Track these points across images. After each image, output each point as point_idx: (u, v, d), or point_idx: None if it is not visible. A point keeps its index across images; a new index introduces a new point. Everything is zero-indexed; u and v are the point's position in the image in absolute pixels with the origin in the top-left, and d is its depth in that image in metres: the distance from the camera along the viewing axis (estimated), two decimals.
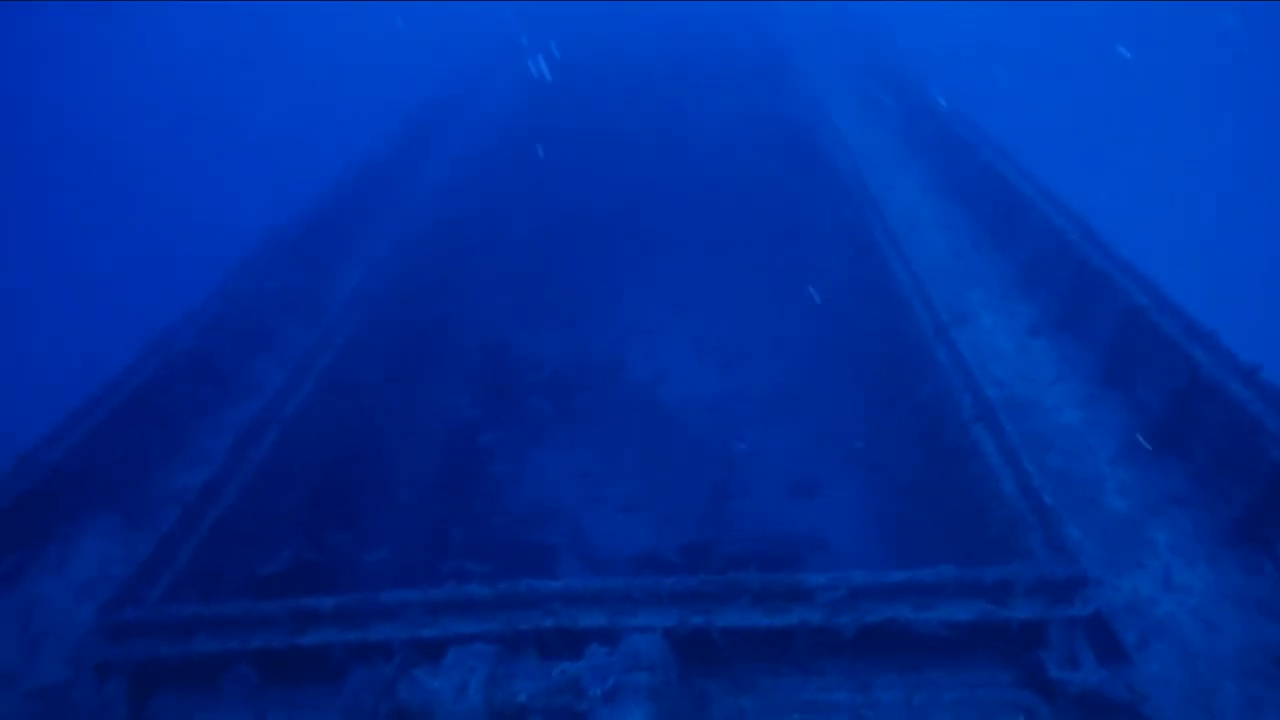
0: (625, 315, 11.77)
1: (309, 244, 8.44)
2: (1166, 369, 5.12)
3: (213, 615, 3.95)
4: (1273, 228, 21.49)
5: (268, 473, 5.53)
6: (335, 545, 5.83)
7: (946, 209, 8.54)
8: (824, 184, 10.06)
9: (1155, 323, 5.25)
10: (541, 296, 11.67)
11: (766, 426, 9.98)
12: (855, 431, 8.89)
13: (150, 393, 6.17)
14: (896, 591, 3.69)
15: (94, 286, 21.14)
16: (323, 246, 8.65)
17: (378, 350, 7.67)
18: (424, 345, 9.13)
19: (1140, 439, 5.07)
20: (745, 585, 3.72)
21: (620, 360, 10.74)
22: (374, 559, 6.69)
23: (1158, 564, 4.37)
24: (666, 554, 7.59)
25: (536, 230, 12.27)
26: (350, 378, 7.05)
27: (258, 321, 7.43)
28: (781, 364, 10.46)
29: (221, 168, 25.51)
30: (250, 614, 3.92)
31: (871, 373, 8.20)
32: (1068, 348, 6.25)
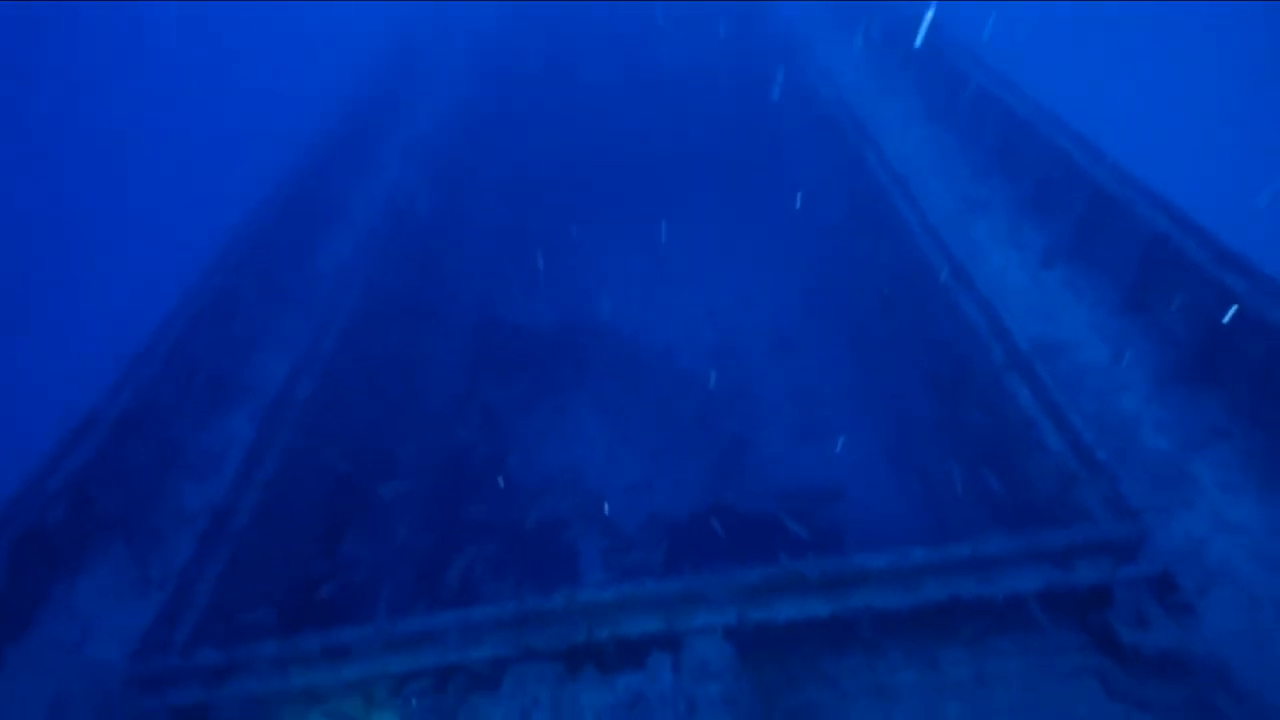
0: (614, 272, 11.45)
1: (288, 225, 8.03)
2: (1196, 298, 4.97)
3: (248, 656, 3.76)
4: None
5: (280, 484, 5.29)
6: (351, 558, 5.62)
7: (942, 138, 8.25)
8: (812, 118, 9.70)
9: (1181, 249, 5.07)
10: (528, 262, 11.29)
11: (772, 372, 9.80)
12: (860, 376, 8.76)
13: (139, 409, 5.87)
14: (959, 566, 3.57)
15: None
16: (302, 227, 8.24)
17: (375, 333, 7.36)
18: (418, 323, 8.81)
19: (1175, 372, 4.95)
20: (804, 574, 3.58)
21: (613, 320, 10.47)
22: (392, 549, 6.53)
23: (1205, 502, 4.29)
24: (685, 521, 7.50)
25: (514, 193, 11.81)
26: (350, 367, 6.76)
27: (244, 315, 7.10)
28: (782, 308, 10.24)
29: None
30: (286, 652, 3.73)
31: (877, 317, 8.02)
32: (1083, 279, 6.09)
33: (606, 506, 8.43)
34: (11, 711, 4.20)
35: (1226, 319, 4.67)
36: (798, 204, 9.70)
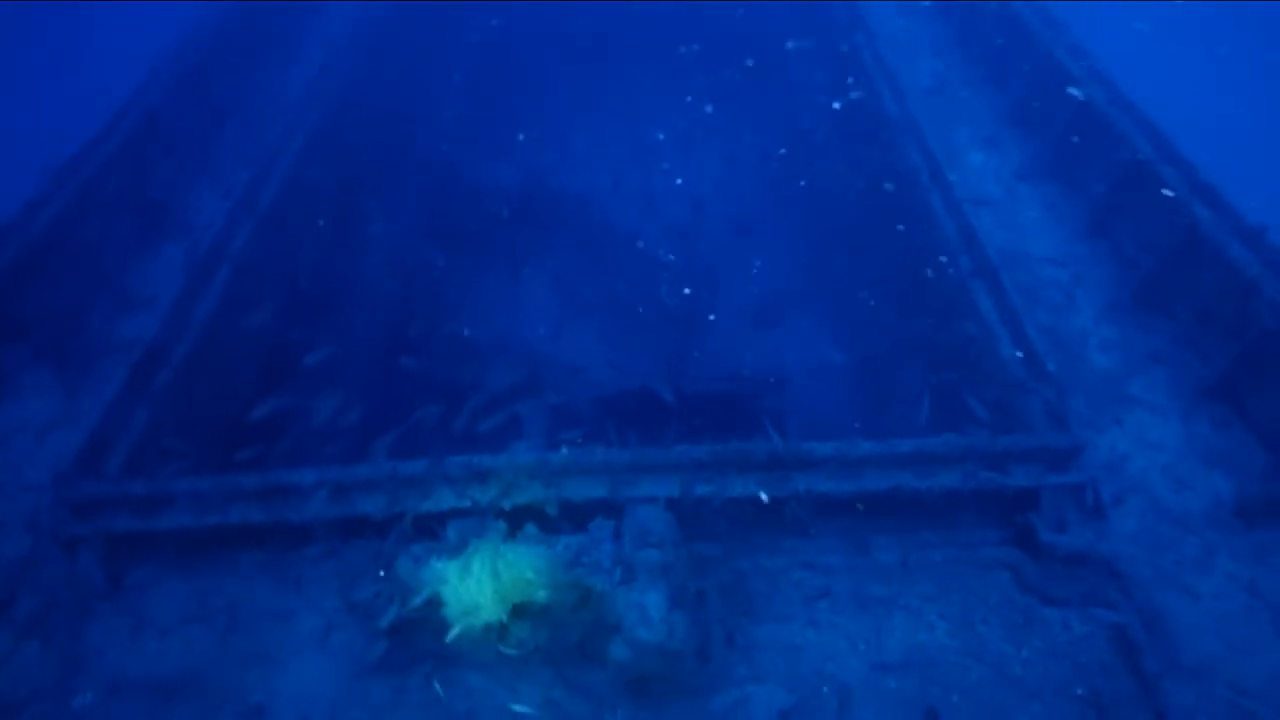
0: (584, 144, 10.98)
1: (235, 53, 7.42)
2: (1162, 225, 5.01)
3: (185, 490, 3.70)
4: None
5: (219, 320, 5.09)
6: (278, 422, 5.45)
7: (936, 35, 7.95)
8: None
9: (1158, 175, 5.07)
10: (497, 125, 10.72)
11: (732, 255, 9.68)
12: (826, 270, 8.73)
13: (70, 226, 5.50)
14: (901, 461, 3.67)
15: None
16: (251, 57, 7.62)
17: (324, 179, 6.97)
18: (371, 173, 8.37)
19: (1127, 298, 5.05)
20: (752, 455, 3.64)
21: (577, 186, 10.13)
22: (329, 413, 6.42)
23: (1134, 420, 4.48)
24: (629, 397, 7.53)
25: (488, 53, 11.07)
26: (293, 213, 6.42)
27: (188, 141, 6.64)
28: (754, 193, 10.03)
29: None
30: (226, 488, 3.68)
31: (851, 210, 7.92)
32: (1056, 195, 6.08)
33: (554, 381, 8.41)
34: None
35: (1184, 248, 4.74)
36: (784, 89, 9.38)
